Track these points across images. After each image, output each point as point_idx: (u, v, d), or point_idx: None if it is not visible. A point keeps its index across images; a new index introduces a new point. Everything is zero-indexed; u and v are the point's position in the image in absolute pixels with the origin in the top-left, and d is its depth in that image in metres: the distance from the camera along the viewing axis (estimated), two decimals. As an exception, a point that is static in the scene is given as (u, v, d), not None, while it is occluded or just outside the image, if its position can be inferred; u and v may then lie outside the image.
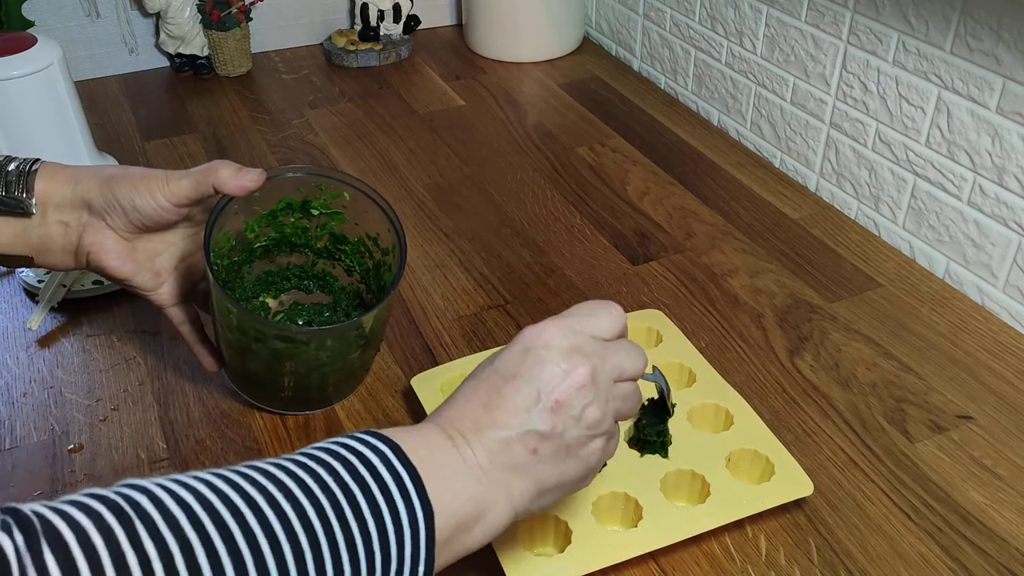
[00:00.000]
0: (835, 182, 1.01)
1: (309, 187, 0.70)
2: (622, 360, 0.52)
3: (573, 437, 0.50)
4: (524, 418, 0.48)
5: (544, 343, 0.50)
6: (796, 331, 0.82)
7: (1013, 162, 0.81)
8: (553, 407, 0.49)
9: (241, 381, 0.71)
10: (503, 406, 0.49)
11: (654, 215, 0.99)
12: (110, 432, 0.71)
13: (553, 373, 0.49)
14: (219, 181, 0.63)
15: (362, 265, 0.75)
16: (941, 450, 0.70)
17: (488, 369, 0.51)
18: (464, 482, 0.47)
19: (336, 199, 0.71)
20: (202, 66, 1.30)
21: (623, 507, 0.63)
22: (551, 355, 0.50)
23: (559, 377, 0.49)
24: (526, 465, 0.49)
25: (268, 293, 0.76)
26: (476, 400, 0.50)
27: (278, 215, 0.72)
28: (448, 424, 0.49)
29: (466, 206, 1.00)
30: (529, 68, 1.34)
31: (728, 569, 0.61)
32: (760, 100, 1.10)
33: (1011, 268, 0.83)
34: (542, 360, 0.50)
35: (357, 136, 1.15)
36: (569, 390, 0.49)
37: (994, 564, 0.61)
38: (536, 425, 0.48)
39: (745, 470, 0.66)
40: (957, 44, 0.83)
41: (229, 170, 0.63)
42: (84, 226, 0.64)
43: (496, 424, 0.48)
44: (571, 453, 0.50)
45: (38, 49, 0.93)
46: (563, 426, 0.49)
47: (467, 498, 0.47)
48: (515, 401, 0.49)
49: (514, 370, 0.50)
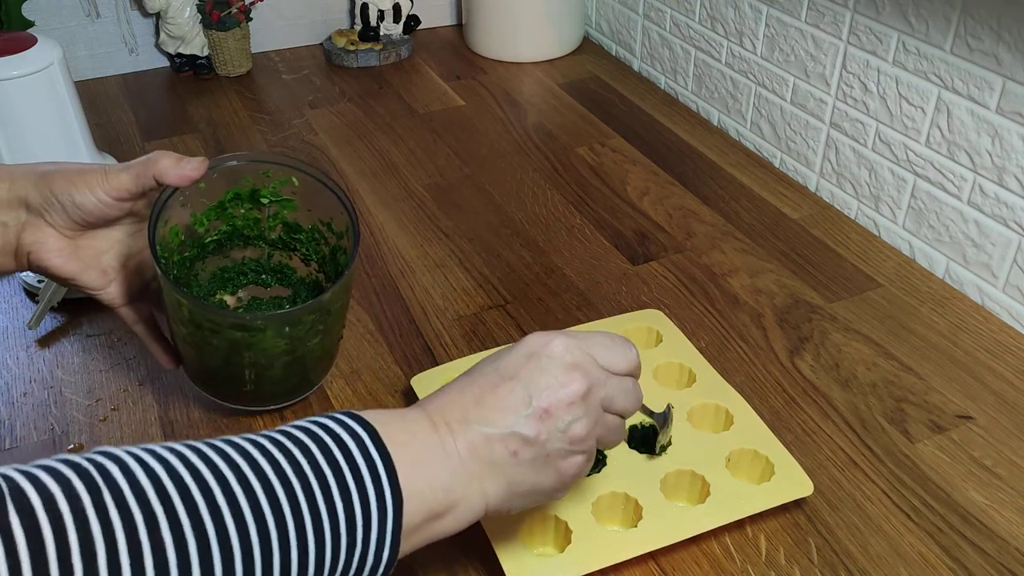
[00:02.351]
0: (835, 182, 1.02)
1: (256, 175, 0.69)
2: (617, 393, 0.53)
3: (554, 448, 0.50)
4: (512, 419, 0.49)
5: (549, 353, 0.51)
6: (796, 331, 0.82)
7: (1013, 162, 0.81)
8: (541, 415, 0.49)
9: (201, 378, 0.69)
10: (495, 404, 0.49)
11: (654, 215, 0.99)
12: (110, 432, 0.71)
13: (549, 383, 0.50)
14: (160, 172, 0.61)
15: (319, 253, 0.73)
16: (941, 450, 0.70)
17: (489, 366, 0.52)
18: (440, 470, 0.47)
19: (285, 185, 0.69)
20: (202, 66, 1.30)
21: (623, 507, 0.63)
22: (552, 366, 0.50)
23: (554, 388, 0.50)
24: (504, 465, 0.49)
25: (225, 290, 0.74)
26: (470, 393, 0.50)
27: (227, 206, 0.70)
28: (436, 412, 0.50)
29: (466, 206, 1.00)
30: (529, 68, 1.34)
31: (728, 569, 0.61)
32: (760, 100, 1.10)
33: (1011, 268, 0.83)
34: (542, 368, 0.50)
35: (357, 136, 1.15)
36: (560, 402, 0.50)
37: (994, 564, 0.61)
38: (522, 428, 0.49)
39: (745, 470, 0.66)
40: (957, 44, 0.83)
41: (170, 160, 0.61)
42: (23, 225, 0.61)
43: (484, 420, 0.49)
44: (549, 463, 0.51)
45: (38, 49, 0.93)
46: (547, 435, 0.50)
47: (440, 487, 0.47)
48: (507, 401, 0.49)
49: (513, 372, 0.50)
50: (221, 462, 0.41)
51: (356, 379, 0.76)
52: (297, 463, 0.43)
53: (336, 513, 0.43)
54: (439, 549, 0.62)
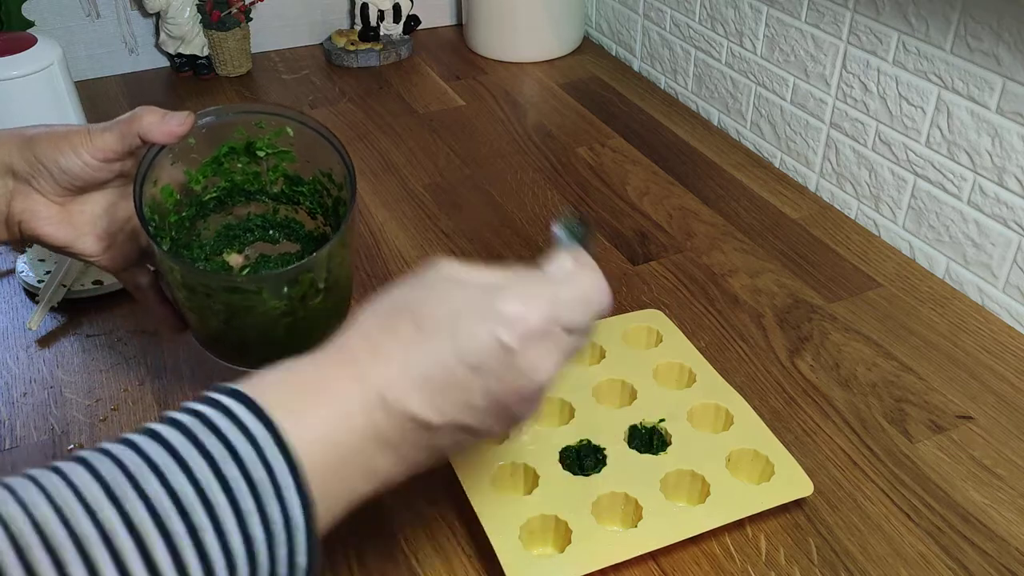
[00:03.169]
0: (835, 182, 1.02)
1: (249, 127, 0.65)
2: (581, 340, 0.49)
3: (497, 431, 0.47)
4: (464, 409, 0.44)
5: (520, 341, 0.45)
6: (796, 331, 0.82)
7: (1013, 162, 0.81)
8: (498, 410, 0.45)
9: (207, 342, 0.66)
10: (444, 389, 0.44)
11: (654, 215, 0.99)
12: (110, 432, 0.71)
13: (514, 378, 0.45)
14: (144, 129, 0.58)
15: (322, 206, 0.70)
16: (941, 450, 0.70)
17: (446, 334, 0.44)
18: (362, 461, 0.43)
19: (280, 137, 0.66)
20: (202, 66, 1.30)
21: (623, 507, 0.63)
22: (524, 361, 0.45)
23: (518, 381, 0.45)
24: (442, 448, 0.46)
25: (231, 248, 0.71)
26: (416, 369, 0.43)
27: (223, 161, 0.66)
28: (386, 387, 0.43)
29: (466, 206, 1.00)
30: (529, 68, 1.34)
31: (728, 569, 0.61)
32: (760, 100, 1.10)
33: (1011, 268, 0.83)
34: (516, 370, 0.45)
35: (357, 136, 1.15)
36: (523, 400, 0.46)
37: (994, 564, 0.61)
38: (474, 421, 0.45)
39: (745, 470, 0.66)
40: (957, 44, 0.83)
41: (154, 116, 0.58)
42: (11, 193, 0.59)
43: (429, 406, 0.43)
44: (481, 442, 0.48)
45: (38, 49, 0.93)
46: (498, 428, 0.47)
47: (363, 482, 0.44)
48: (461, 391, 0.44)
49: (478, 362, 0.44)
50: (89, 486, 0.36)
51: (356, 379, 0.76)
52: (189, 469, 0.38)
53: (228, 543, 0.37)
54: (440, 549, 0.62)
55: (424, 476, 0.67)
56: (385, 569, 0.61)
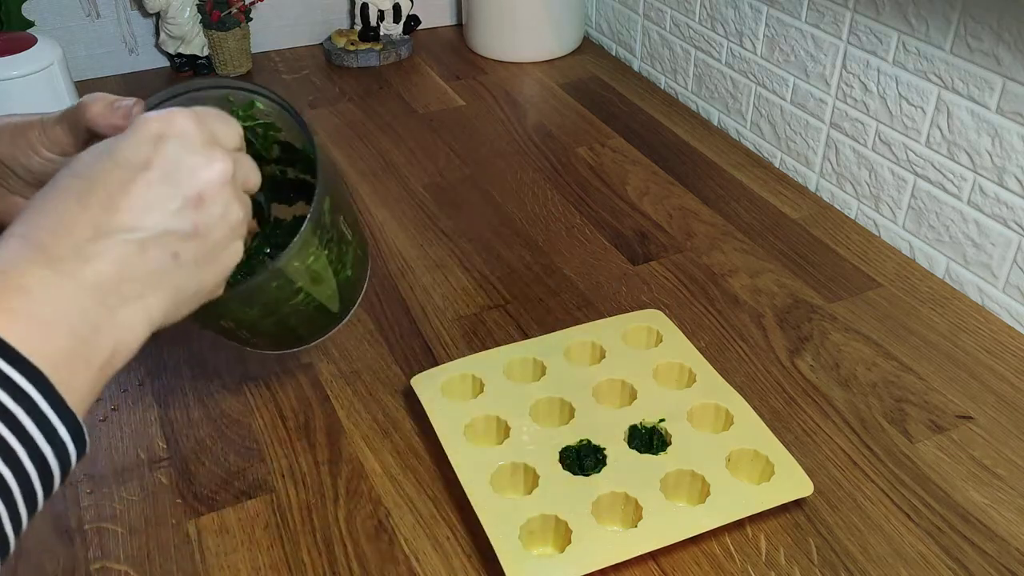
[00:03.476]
0: (835, 182, 1.02)
1: (218, 101, 0.60)
2: (249, 169, 0.47)
3: (218, 238, 0.44)
4: (160, 216, 0.41)
5: (179, 131, 0.43)
6: (796, 331, 0.82)
7: (1013, 162, 0.81)
8: (196, 203, 0.43)
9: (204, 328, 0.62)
10: (133, 204, 0.41)
11: (654, 215, 0.99)
12: (110, 432, 0.71)
13: (193, 165, 0.43)
14: (91, 122, 0.53)
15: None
16: (941, 450, 0.70)
17: (104, 161, 0.42)
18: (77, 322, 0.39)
19: (252, 110, 0.61)
20: (202, 66, 1.30)
21: (623, 507, 0.63)
22: (188, 144, 0.43)
23: (200, 169, 0.43)
24: (165, 273, 0.42)
25: None
26: (92, 200, 0.40)
27: None
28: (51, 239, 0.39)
29: (466, 206, 1.00)
30: (529, 68, 1.34)
31: (728, 569, 0.61)
32: (760, 100, 1.10)
33: (1011, 268, 0.83)
34: (178, 149, 0.43)
35: (357, 136, 1.15)
36: (212, 184, 0.43)
37: (994, 564, 0.61)
38: (177, 224, 0.42)
39: (745, 470, 0.66)
40: (957, 44, 0.83)
41: (100, 105, 0.53)
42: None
43: (125, 226, 0.40)
44: (213, 257, 0.45)
45: (38, 49, 0.93)
46: (207, 225, 0.43)
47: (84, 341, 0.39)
48: (148, 197, 0.41)
49: (143, 161, 0.42)
50: None
51: (356, 379, 0.76)
52: None
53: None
54: (440, 549, 0.62)
55: (424, 476, 0.67)
56: (385, 569, 0.61)
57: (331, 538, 0.63)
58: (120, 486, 0.67)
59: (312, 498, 0.66)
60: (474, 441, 0.68)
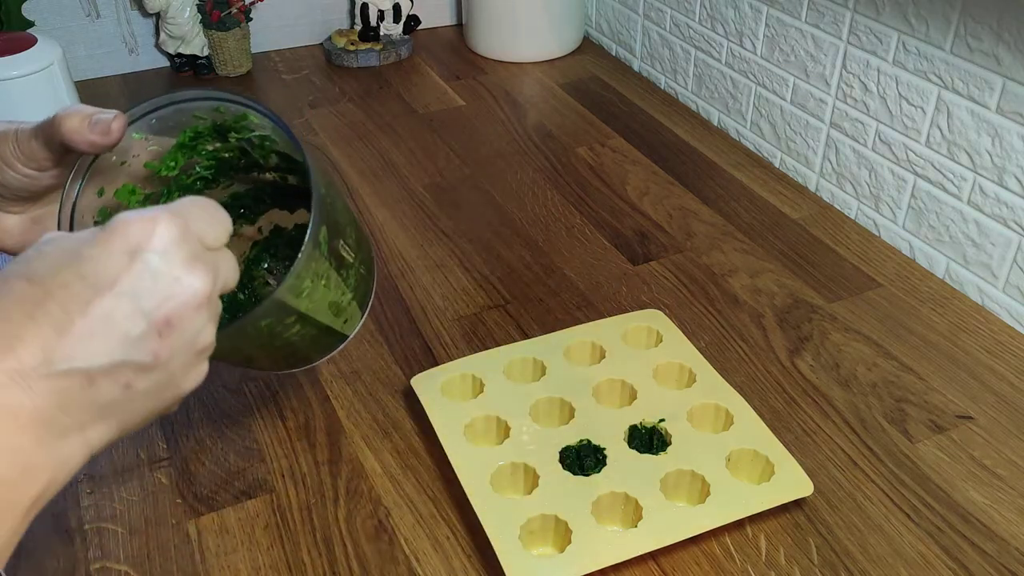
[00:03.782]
0: (835, 182, 1.02)
1: (208, 112, 0.56)
2: (229, 275, 0.42)
3: (179, 364, 0.40)
4: (118, 345, 0.37)
5: (158, 248, 0.38)
6: (796, 331, 0.82)
7: (1013, 162, 0.81)
8: (161, 329, 0.38)
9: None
10: (88, 330, 0.36)
11: (654, 215, 0.99)
12: (110, 432, 0.71)
13: (167, 288, 0.38)
14: (66, 136, 0.49)
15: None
16: (941, 450, 0.70)
17: (66, 271, 0.37)
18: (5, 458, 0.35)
19: (245, 121, 0.57)
20: (202, 66, 1.30)
21: (623, 507, 0.63)
22: (166, 263, 0.38)
23: (174, 292, 0.38)
24: (113, 404, 0.38)
25: (244, 219, 0.64)
26: (45, 318, 0.36)
27: (197, 146, 0.58)
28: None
29: (466, 206, 1.00)
30: (529, 68, 1.34)
31: (728, 569, 0.61)
32: (760, 100, 1.10)
33: (1011, 268, 0.83)
34: (153, 269, 0.38)
35: (357, 136, 1.15)
36: (186, 308, 0.38)
37: (994, 564, 0.61)
38: (135, 354, 0.37)
39: (745, 470, 0.66)
40: (957, 44, 0.83)
41: (76, 120, 0.49)
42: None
43: (75, 355, 0.36)
44: (171, 383, 0.40)
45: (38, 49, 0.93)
46: (170, 353, 0.39)
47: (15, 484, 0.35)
48: (109, 323, 0.36)
49: (111, 280, 0.37)
50: None
51: (356, 379, 0.76)
52: None
53: None
54: (440, 549, 0.62)
55: (424, 476, 0.67)
56: (385, 569, 0.61)
57: (331, 538, 0.63)
58: (120, 486, 0.67)
59: (312, 498, 0.66)
60: (474, 441, 0.68)
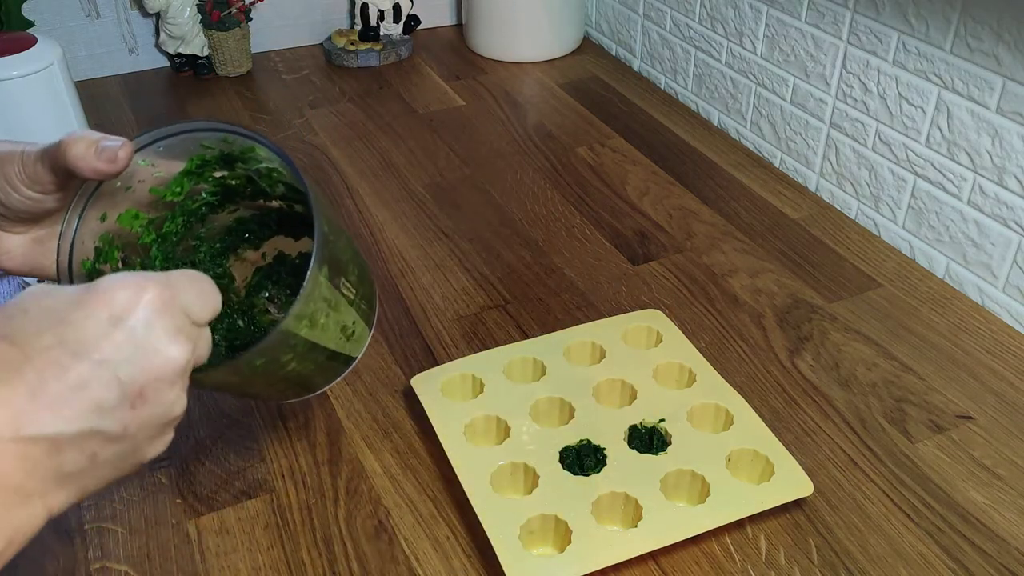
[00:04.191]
0: (835, 182, 1.02)
1: (216, 141, 0.56)
2: (204, 349, 0.43)
3: (147, 435, 0.40)
4: (90, 415, 0.37)
5: (142, 315, 0.38)
6: (796, 331, 0.82)
7: (1013, 162, 0.81)
8: (134, 401, 0.38)
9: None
10: (61, 398, 0.36)
11: (654, 215, 0.99)
12: (110, 432, 0.71)
13: (145, 359, 0.38)
14: (72, 164, 0.49)
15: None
16: (941, 450, 0.70)
17: (47, 334, 0.37)
18: None
19: (252, 153, 0.56)
20: (202, 66, 1.30)
21: (623, 507, 0.63)
22: (149, 335, 0.38)
23: (152, 363, 0.38)
24: (77, 473, 0.37)
25: (248, 245, 0.64)
26: (22, 383, 0.36)
27: (204, 172, 0.58)
28: None
29: (466, 206, 1.00)
30: (529, 68, 1.34)
31: (728, 569, 0.61)
32: (760, 100, 1.10)
33: (1011, 268, 0.83)
34: (135, 340, 0.38)
35: (357, 136, 1.15)
36: (161, 380, 0.39)
37: (994, 564, 0.61)
38: (105, 425, 0.37)
39: (745, 470, 0.66)
40: (957, 44, 0.83)
41: (81, 146, 0.48)
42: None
43: (44, 424, 0.36)
44: (136, 452, 0.40)
45: (38, 49, 0.93)
46: (140, 424, 0.39)
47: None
48: (81, 391, 0.37)
49: (90, 347, 0.37)
50: None
51: (356, 379, 0.76)
52: None
53: None
54: (440, 549, 0.62)
55: (424, 476, 0.67)
56: (385, 569, 0.61)
57: (331, 538, 0.63)
58: (120, 486, 0.67)
59: (312, 498, 0.66)
60: (474, 441, 0.68)
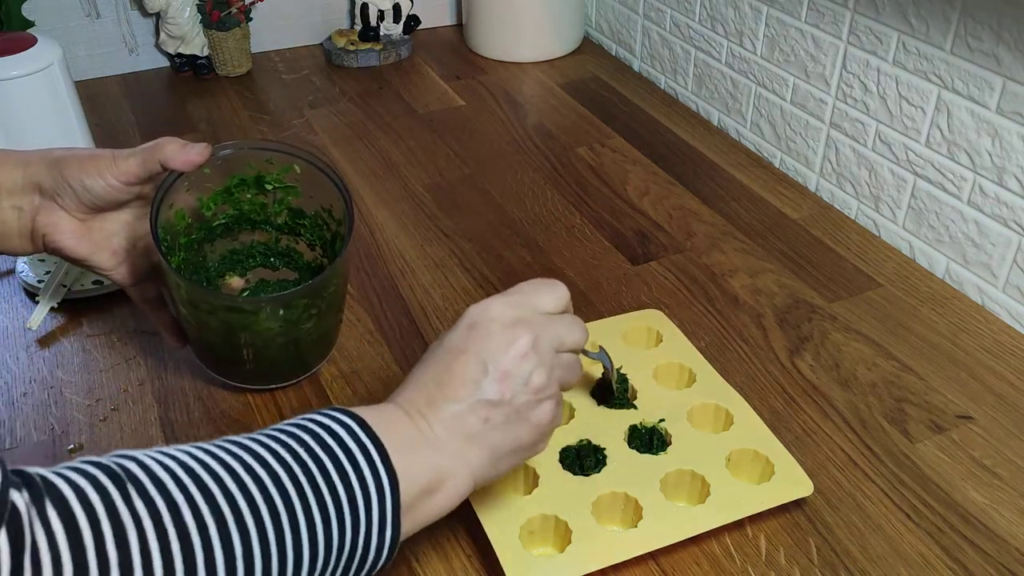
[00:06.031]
0: (835, 182, 1.02)
1: (260, 162, 0.71)
2: (563, 331, 0.55)
3: (522, 402, 0.52)
4: (473, 389, 0.51)
5: (489, 318, 0.53)
6: (796, 331, 0.82)
7: (1013, 162, 0.81)
8: (501, 377, 0.52)
9: (204, 356, 0.73)
10: (454, 381, 0.52)
11: (654, 215, 0.99)
12: (110, 432, 0.71)
13: (498, 345, 0.52)
14: (165, 157, 0.64)
15: (321, 238, 0.76)
16: (941, 450, 0.70)
17: (438, 349, 0.54)
18: (423, 452, 0.50)
19: (288, 173, 0.72)
20: (202, 66, 1.30)
21: (623, 507, 0.63)
22: (495, 328, 0.53)
23: (504, 347, 0.52)
24: (480, 434, 0.52)
25: (235, 271, 0.77)
26: (429, 378, 0.53)
27: (233, 191, 0.72)
28: (405, 402, 0.52)
29: (466, 206, 1.00)
30: (529, 68, 1.34)
31: (728, 569, 0.61)
32: (760, 100, 1.10)
33: (1011, 268, 0.83)
34: (488, 334, 0.53)
35: (357, 136, 1.15)
36: (514, 359, 0.52)
37: (994, 564, 0.61)
38: (486, 394, 0.51)
39: (745, 470, 0.66)
40: (957, 44, 0.83)
41: (175, 145, 0.64)
42: (37, 209, 0.65)
43: (448, 398, 0.52)
44: (522, 417, 0.53)
45: (38, 49, 0.93)
46: (511, 393, 0.52)
47: (428, 467, 0.50)
48: (465, 375, 0.52)
49: (462, 346, 0.53)
50: (227, 456, 0.44)
51: (356, 379, 0.76)
52: (296, 453, 0.46)
53: (338, 495, 0.46)
54: (440, 549, 0.62)
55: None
56: (385, 569, 0.61)
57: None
58: (120, 486, 0.67)
59: (312, 498, 0.66)
60: (474, 441, 0.68)
